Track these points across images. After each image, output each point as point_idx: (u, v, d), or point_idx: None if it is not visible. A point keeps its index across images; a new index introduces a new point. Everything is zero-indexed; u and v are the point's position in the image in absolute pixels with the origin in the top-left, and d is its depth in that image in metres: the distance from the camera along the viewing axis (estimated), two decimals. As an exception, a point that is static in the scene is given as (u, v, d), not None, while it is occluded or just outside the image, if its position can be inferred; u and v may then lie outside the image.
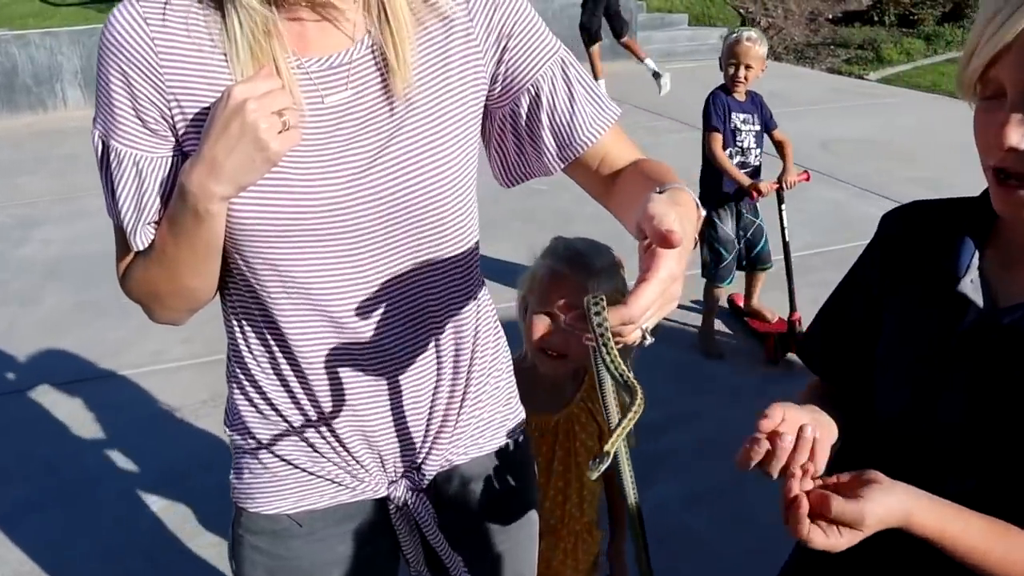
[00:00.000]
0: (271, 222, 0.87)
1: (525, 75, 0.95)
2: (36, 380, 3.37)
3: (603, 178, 0.98)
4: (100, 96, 0.87)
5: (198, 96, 0.86)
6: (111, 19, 0.85)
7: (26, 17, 10.17)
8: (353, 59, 0.89)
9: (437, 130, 0.92)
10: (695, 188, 4.69)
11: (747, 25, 11.74)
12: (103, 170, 0.89)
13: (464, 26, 0.93)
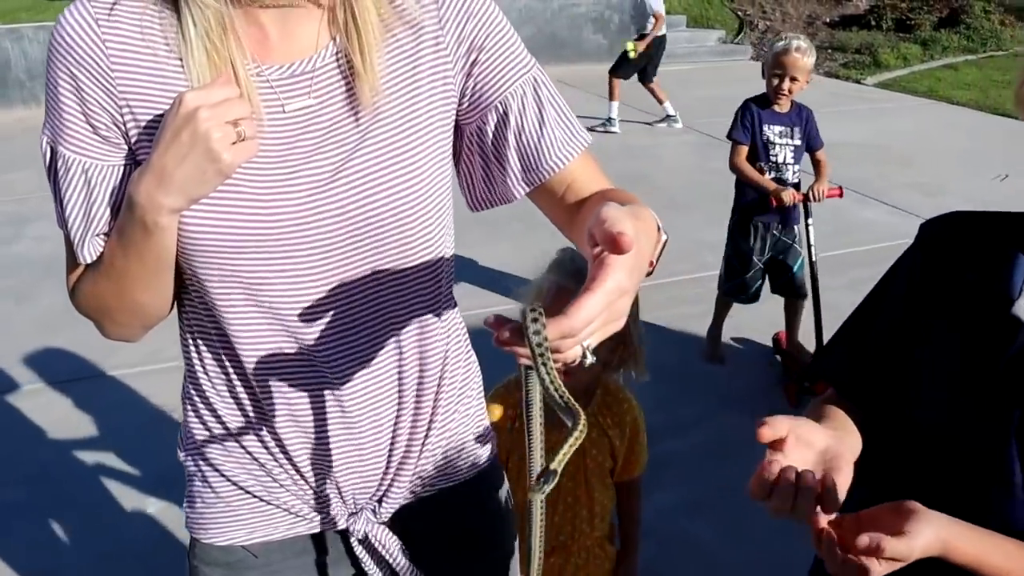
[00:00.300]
0: (226, 236, 0.82)
1: (494, 92, 0.90)
2: (30, 379, 3.33)
3: (567, 207, 0.92)
4: (49, 100, 0.82)
5: (152, 102, 0.81)
6: (61, 19, 0.80)
7: (18, 11, 10.11)
8: (316, 67, 0.84)
9: (405, 142, 0.87)
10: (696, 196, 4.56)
11: (745, 28, 11.77)
12: (51, 178, 0.84)
13: (434, 34, 0.88)
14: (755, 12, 12.21)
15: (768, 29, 11.79)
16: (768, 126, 3.24)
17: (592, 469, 1.51)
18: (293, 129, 0.84)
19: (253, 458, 0.97)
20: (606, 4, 10.50)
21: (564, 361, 0.63)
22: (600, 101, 8.40)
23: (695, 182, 5.68)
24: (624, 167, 5.99)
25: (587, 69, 10.20)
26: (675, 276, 4.13)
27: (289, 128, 0.84)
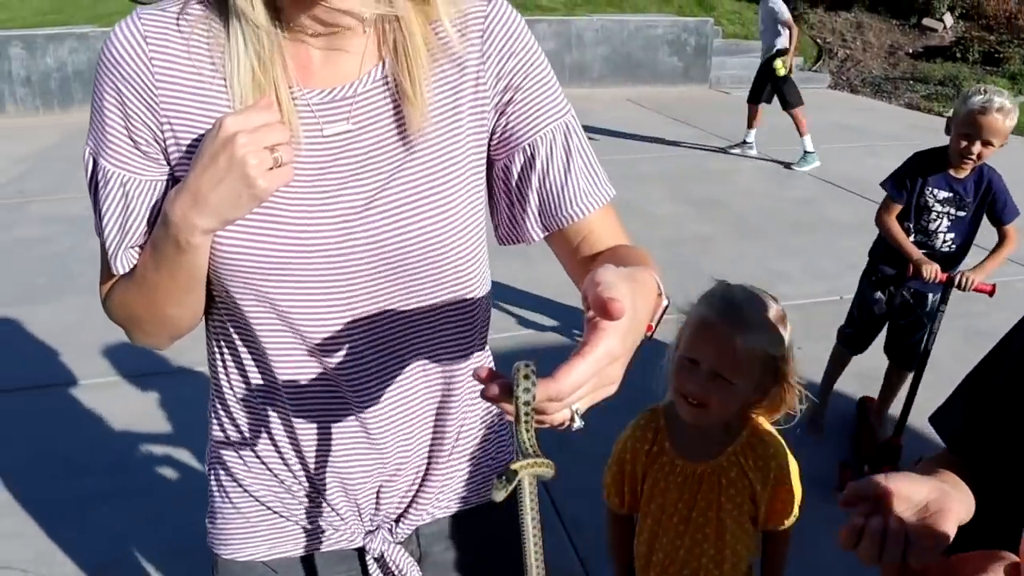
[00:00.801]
0: (258, 258, 0.83)
1: (524, 133, 0.89)
2: (109, 373, 3.44)
3: (582, 259, 0.92)
4: (94, 113, 0.84)
5: (193, 121, 0.82)
6: (112, 35, 0.82)
7: (113, 15, 10.50)
8: (357, 93, 0.84)
9: (441, 173, 0.86)
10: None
11: (824, 56, 11.57)
12: (91, 188, 0.86)
13: (476, 68, 0.87)
14: (835, 40, 12.00)
15: (848, 58, 11.57)
16: (933, 189, 2.76)
17: (727, 509, 1.46)
18: (330, 153, 0.84)
19: (274, 475, 0.98)
20: (683, 26, 10.44)
21: (551, 423, 0.62)
22: (673, 124, 8.36)
23: (768, 209, 5.58)
24: (698, 190, 5.93)
25: (661, 91, 10.16)
26: (747, 305, 4.05)
27: (327, 152, 0.84)
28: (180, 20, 0.82)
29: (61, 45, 8.87)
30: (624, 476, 1.54)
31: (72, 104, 9.02)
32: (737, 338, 1.33)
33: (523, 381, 0.58)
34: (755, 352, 1.35)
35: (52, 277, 4.47)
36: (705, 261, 4.58)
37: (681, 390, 1.39)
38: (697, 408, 1.38)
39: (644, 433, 1.52)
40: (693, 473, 1.47)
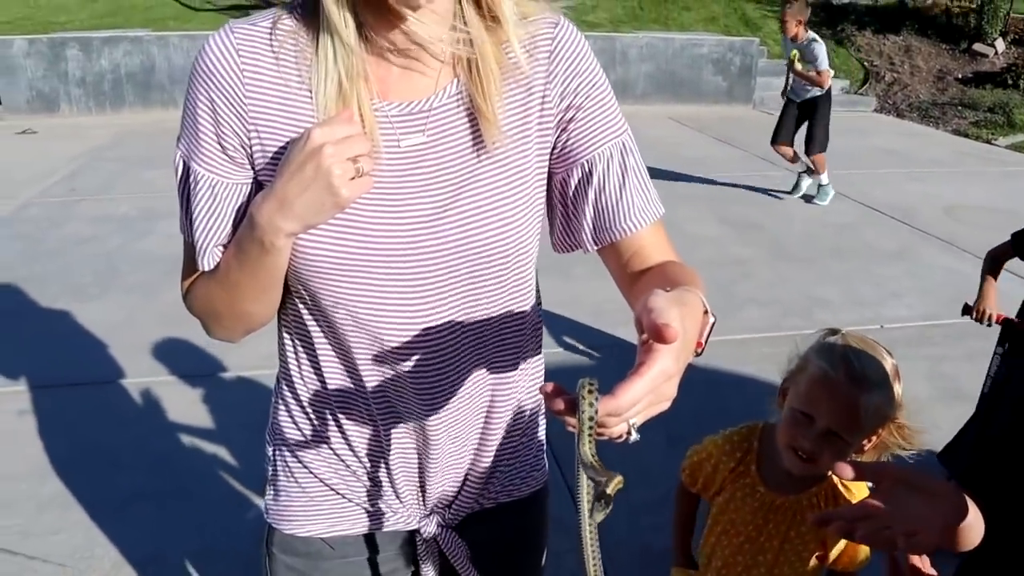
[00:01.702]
0: (336, 260, 0.88)
1: (584, 149, 0.95)
2: (154, 372, 3.51)
3: (632, 273, 0.97)
4: (186, 118, 0.89)
5: (278, 130, 0.88)
6: (206, 46, 0.87)
7: (167, 19, 10.74)
8: (433, 107, 0.90)
9: (509, 186, 0.92)
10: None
11: (871, 79, 11.44)
12: (181, 189, 0.91)
13: (543, 87, 0.93)
14: (883, 63, 11.86)
15: (895, 81, 11.43)
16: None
17: (792, 542, 1.45)
18: (406, 164, 0.89)
19: (339, 457, 1.04)
20: (728, 46, 10.40)
21: (610, 436, 0.67)
22: (715, 144, 8.32)
23: (808, 234, 5.53)
24: (738, 212, 5.90)
25: (704, 110, 10.12)
26: (785, 331, 4.02)
27: (402, 163, 0.89)
28: (271, 34, 0.88)
29: (116, 48, 9.09)
30: (701, 474, 1.55)
31: (124, 106, 9.24)
32: (860, 398, 1.31)
33: (587, 396, 0.63)
34: (875, 412, 1.34)
35: (99, 275, 4.58)
36: (743, 285, 4.55)
37: (792, 443, 1.38)
38: (806, 463, 1.38)
39: (733, 451, 1.52)
40: (771, 503, 1.47)
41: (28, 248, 5.00)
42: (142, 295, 4.29)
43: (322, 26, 0.85)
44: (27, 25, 10.51)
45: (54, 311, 4.11)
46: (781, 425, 1.42)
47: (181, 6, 11.37)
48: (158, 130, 8.37)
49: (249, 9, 11.36)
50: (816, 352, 1.41)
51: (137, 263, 4.76)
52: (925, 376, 3.56)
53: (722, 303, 4.26)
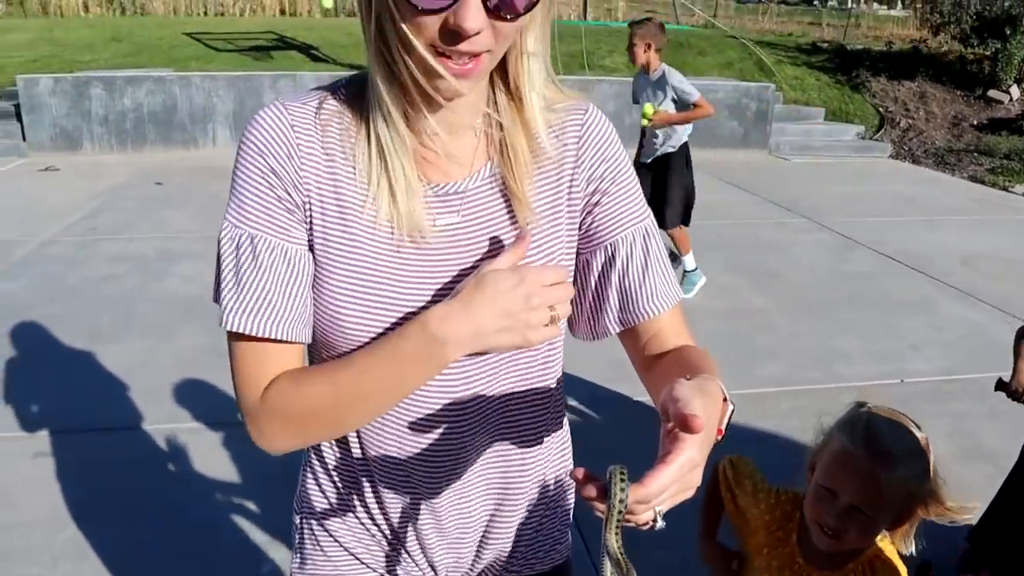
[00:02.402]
0: (374, 335, 0.90)
1: (607, 233, 0.98)
2: (171, 418, 3.49)
3: (649, 356, 1.00)
4: (243, 192, 0.89)
5: (326, 203, 0.90)
6: (260, 121, 0.89)
7: (189, 60, 10.90)
8: (467, 188, 0.93)
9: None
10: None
11: (886, 125, 11.48)
12: (240, 265, 0.88)
13: (572, 171, 0.97)
14: (897, 109, 11.90)
15: (910, 127, 11.45)
16: None
17: None
18: (442, 243, 0.92)
19: (364, 526, 1.07)
20: (744, 91, 10.46)
21: (636, 523, 0.69)
22: (731, 189, 8.34)
23: (826, 283, 5.50)
24: (755, 261, 5.89)
25: (720, 155, 10.14)
26: (804, 384, 3.98)
27: (438, 242, 0.92)
28: (318, 113, 0.91)
29: (139, 87, 9.23)
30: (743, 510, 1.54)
31: (145, 144, 9.35)
32: (881, 474, 1.30)
33: (618, 483, 0.66)
34: (899, 488, 1.32)
35: (117, 316, 4.60)
36: (761, 336, 4.53)
37: (816, 519, 1.37)
38: (832, 539, 1.36)
39: (775, 514, 1.51)
40: (801, 574, 1.46)
41: (47, 287, 5.04)
42: (159, 337, 4.31)
43: (371, 108, 0.89)
44: (53, 64, 10.70)
45: (71, 353, 4.13)
46: (807, 500, 1.41)
47: (204, 47, 11.56)
48: (179, 168, 8.49)
49: (269, 51, 11.55)
50: (839, 426, 1.40)
51: (154, 305, 4.78)
52: (947, 433, 3.51)
53: (739, 355, 4.23)
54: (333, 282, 0.91)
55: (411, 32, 0.78)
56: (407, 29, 0.78)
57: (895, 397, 3.80)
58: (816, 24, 22.04)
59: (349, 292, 0.90)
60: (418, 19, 0.77)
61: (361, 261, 0.90)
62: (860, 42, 15.87)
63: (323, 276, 0.91)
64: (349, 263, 0.90)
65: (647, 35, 4.81)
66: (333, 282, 0.91)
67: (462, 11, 0.75)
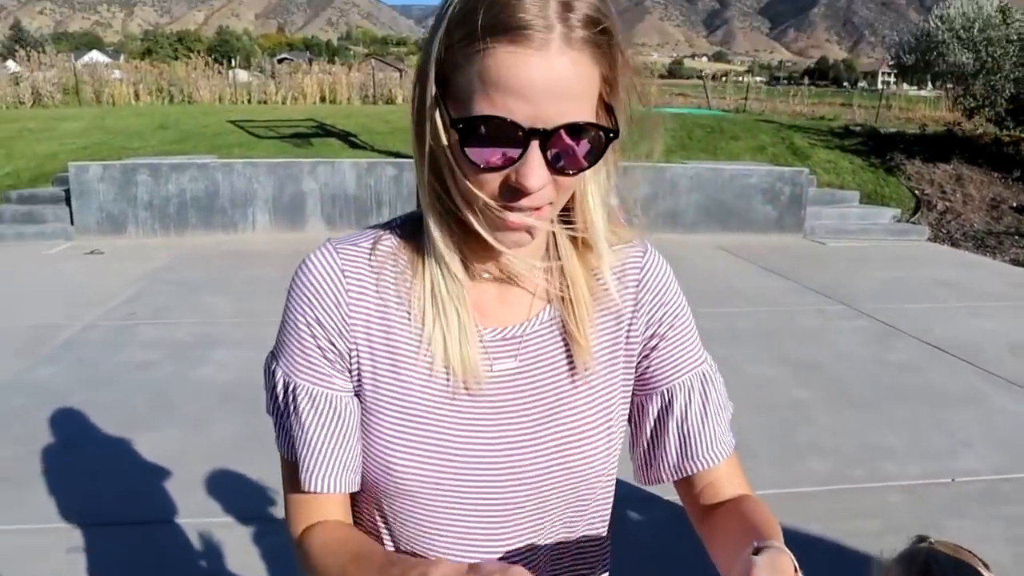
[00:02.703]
0: (429, 484, 0.88)
1: (664, 378, 0.96)
2: (204, 512, 3.45)
3: (704, 505, 0.97)
4: (290, 336, 0.88)
5: (376, 349, 0.88)
6: (310, 263, 0.88)
7: (232, 147, 11.25)
8: (526, 333, 0.91)
9: (600, 413, 0.93)
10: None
11: (922, 208, 11.40)
12: (284, 409, 0.89)
13: (631, 316, 0.96)
14: (934, 192, 11.85)
15: (948, 210, 11.37)
16: None
17: None
18: (498, 388, 0.90)
19: None
20: (778, 176, 10.50)
21: None
22: (767, 275, 8.27)
23: (870, 375, 5.37)
24: (794, 350, 5.79)
25: (754, 239, 10.14)
26: (848, 483, 3.85)
27: (495, 387, 0.90)
28: (371, 255, 0.90)
29: (183, 174, 9.51)
30: None
31: (187, 228, 9.58)
32: None
33: None
34: None
35: (154, 404, 4.61)
36: (803, 431, 4.41)
37: None
38: None
39: None
40: None
41: (86, 373, 5.09)
42: (194, 427, 4.30)
43: (426, 251, 0.88)
44: (103, 150, 11.10)
45: (107, 441, 4.13)
46: None
47: (247, 134, 11.94)
48: (217, 252, 8.66)
49: (309, 138, 11.88)
50: (897, 560, 1.33)
51: (191, 393, 4.80)
52: (1002, 538, 3.35)
53: (780, 451, 4.12)
54: (384, 429, 0.88)
55: (473, 186, 0.78)
56: (468, 183, 0.78)
57: (946, 499, 3.67)
58: (847, 106, 22.26)
59: (401, 439, 0.88)
60: (479, 176, 0.77)
61: (413, 408, 0.88)
62: (893, 124, 15.96)
63: (373, 422, 0.89)
64: (401, 409, 0.88)
65: None
66: (384, 429, 0.88)
67: (524, 169, 0.74)
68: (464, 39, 0.73)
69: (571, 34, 0.72)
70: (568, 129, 0.74)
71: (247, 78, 23.47)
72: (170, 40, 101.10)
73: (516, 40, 0.71)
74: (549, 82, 0.72)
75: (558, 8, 0.71)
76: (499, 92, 0.72)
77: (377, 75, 21.05)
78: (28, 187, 10.19)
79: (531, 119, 0.72)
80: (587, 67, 0.74)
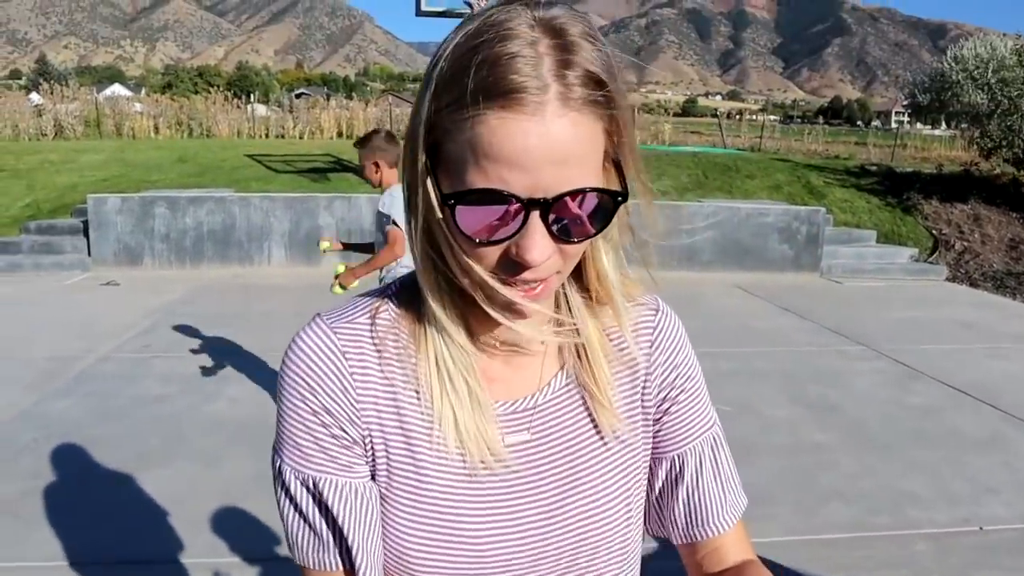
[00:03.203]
0: (441, 565, 0.81)
1: (674, 443, 0.92)
2: (213, 551, 3.39)
3: (707, 572, 0.93)
4: (296, 433, 0.79)
5: (388, 435, 0.80)
6: (303, 347, 0.80)
7: (250, 180, 11.34)
8: (538, 404, 0.85)
9: (622, 480, 0.88)
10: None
11: (940, 248, 11.33)
12: (308, 509, 0.80)
13: (644, 377, 0.91)
14: (951, 232, 11.77)
15: (966, 250, 11.29)
16: None
17: None
18: (511, 465, 0.84)
19: None
20: (794, 215, 10.47)
21: None
22: (784, 314, 8.20)
23: (891, 418, 5.27)
24: (813, 391, 5.70)
25: (770, 278, 10.09)
26: (871, 531, 3.75)
27: (508, 464, 0.84)
28: (371, 330, 0.82)
29: (200, 207, 9.57)
30: None
31: (203, 261, 9.62)
32: None
33: None
34: None
35: (165, 439, 4.58)
36: (824, 475, 4.31)
37: None
38: None
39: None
40: None
41: (99, 406, 5.07)
42: (205, 464, 4.26)
43: (427, 321, 0.81)
44: (122, 183, 11.21)
45: (118, 477, 4.09)
46: None
47: (264, 168, 12.04)
48: (232, 285, 8.68)
49: (326, 172, 11.96)
50: None
51: (203, 428, 4.77)
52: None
53: (803, 496, 4.03)
54: (398, 517, 0.81)
55: (470, 260, 0.71)
56: (466, 258, 0.72)
57: (973, 548, 3.56)
58: (862, 145, 22.27)
59: (415, 527, 0.81)
60: (476, 250, 0.71)
61: (429, 493, 0.81)
62: (908, 164, 15.94)
63: (387, 510, 0.81)
64: (416, 497, 0.81)
65: (372, 153, 4.25)
66: (398, 517, 0.81)
67: (525, 242, 0.68)
68: (453, 104, 0.66)
69: (569, 94, 0.65)
70: (572, 196, 0.67)
71: (265, 112, 23.77)
72: (190, 74, 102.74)
73: (508, 105, 0.64)
74: (547, 148, 0.65)
75: (553, 66, 0.65)
76: (492, 162, 0.65)
77: (394, 111, 21.26)
78: (48, 218, 10.29)
79: (529, 189, 0.66)
80: (588, 127, 0.67)
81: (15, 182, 11.66)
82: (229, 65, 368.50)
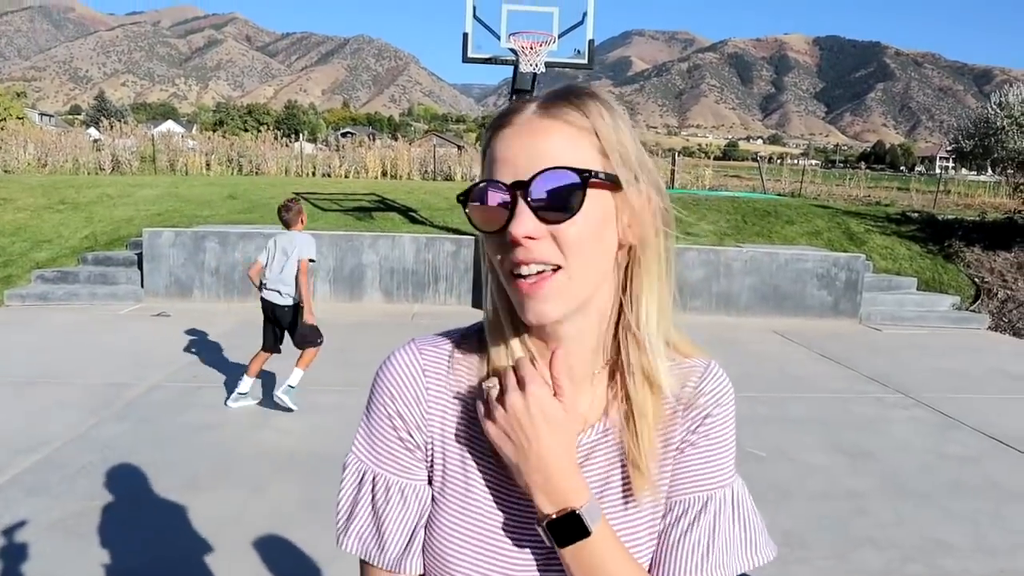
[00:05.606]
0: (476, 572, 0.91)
1: (680, 489, 0.94)
2: None
3: None
4: (373, 429, 0.95)
5: (447, 447, 0.93)
6: (395, 361, 0.95)
7: (298, 216, 11.60)
8: (581, 444, 0.93)
9: (647, 538, 0.93)
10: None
11: (982, 296, 11.20)
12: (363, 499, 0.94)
13: (680, 429, 0.94)
14: (994, 280, 11.64)
15: (1009, 299, 11.15)
16: None
17: None
18: None
19: None
20: (833, 261, 10.45)
21: None
22: (822, 360, 8.18)
23: (928, 467, 5.26)
24: (849, 439, 5.70)
25: (808, 324, 10.05)
26: (906, 578, 3.76)
27: None
28: (451, 358, 0.96)
29: (250, 242, 9.86)
30: None
31: (250, 295, 9.83)
32: None
33: None
34: None
35: (214, 467, 4.74)
36: (859, 523, 4.32)
37: None
38: None
39: None
40: None
41: (151, 432, 5.26)
42: (251, 490, 4.41)
43: (494, 355, 0.93)
44: (175, 217, 11.59)
45: (168, 501, 4.25)
46: None
47: (312, 206, 12.36)
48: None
49: (371, 211, 12.23)
50: None
51: (249, 457, 4.92)
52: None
53: (835, 542, 4.05)
54: (444, 522, 0.92)
55: (493, 260, 0.88)
56: (491, 256, 0.88)
57: (1009, 599, 3.55)
58: (904, 190, 22.05)
59: (458, 532, 0.92)
60: (490, 242, 0.87)
61: (474, 503, 0.92)
62: (951, 211, 15.80)
63: (435, 512, 0.93)
64: (462, 504, 0.92)
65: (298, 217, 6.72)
66: (444, 522, 0.92)
67: (513, 220, 0.83)
68: (485, 143, 0.89)
69: (547, 105, 0.86)
70: (545, 176, 0.82)
71: (312, 151, 24.33)
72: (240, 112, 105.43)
73: (503, 125, 0.86)
74: (526, 144, 0.84)
75: (537, 101, 0.88)
76: (492, 165, 0.86)
77: (437, 151, 21.63)
78: (104, 250, 10.67)
79: (512, 177, 0.83)
80: (565, 128, 0.85)
81: (75, 214, 12.14)
82: (278, 104, 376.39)
